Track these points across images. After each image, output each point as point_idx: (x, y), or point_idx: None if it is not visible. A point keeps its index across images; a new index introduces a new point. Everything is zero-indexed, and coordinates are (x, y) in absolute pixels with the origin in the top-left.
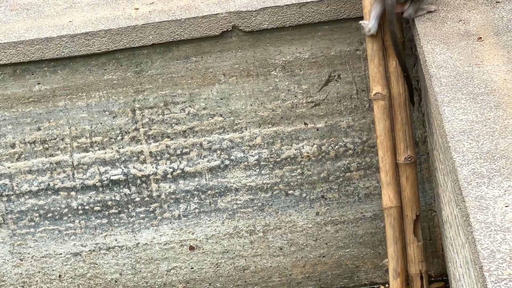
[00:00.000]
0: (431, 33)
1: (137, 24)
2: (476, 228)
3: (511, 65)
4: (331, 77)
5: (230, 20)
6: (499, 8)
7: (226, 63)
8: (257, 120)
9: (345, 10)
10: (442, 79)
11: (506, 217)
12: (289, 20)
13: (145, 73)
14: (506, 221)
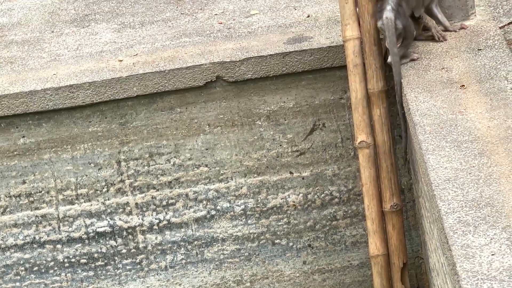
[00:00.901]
0: (414, 81)
1: (121, 76)
2: (463, 277)
3: (494, 112)
4: (315, 126)
5: (214, 70)
6: (481, 56)
7: (211, 113)
8: (243, 170)
9: (328, 59)
10: (426, 127)
11: (493, 265)
12: (273, 70)
13: (129, 125)
14: (492, 270)
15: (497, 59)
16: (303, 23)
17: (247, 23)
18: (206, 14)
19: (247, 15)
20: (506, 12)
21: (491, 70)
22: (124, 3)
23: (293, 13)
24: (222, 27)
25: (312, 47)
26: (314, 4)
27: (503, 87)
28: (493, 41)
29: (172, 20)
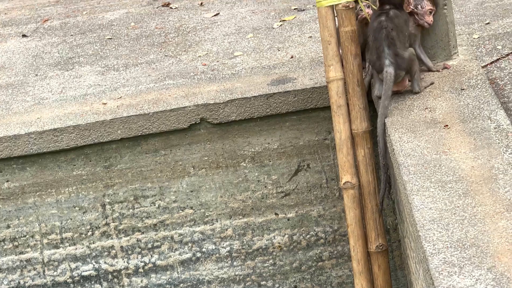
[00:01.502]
0: (398, 122)
1: (105, 119)
2: None
3: (478, 152)
4: (300, 166)
5: (198, 112)
6: (464, 95)
7: (195, 155)
8: (228, 211)
9: (312, 100)
10: (410, 168)
11: None
12: (257, 111)
13: (114, 168)
14: None
15: (480, 98)
16: (287, 64)
17: (231, 65)
18: (190, 56)
19: (231, 57)
20: (488, 52)
21: (475, 109)
22: (108, 45)
23: (277, 54)
24: (206, 68)
25: (296, 88)
26: (298, 45)
27: (486, 126)
28: (476, 80)
29: (156, 62)
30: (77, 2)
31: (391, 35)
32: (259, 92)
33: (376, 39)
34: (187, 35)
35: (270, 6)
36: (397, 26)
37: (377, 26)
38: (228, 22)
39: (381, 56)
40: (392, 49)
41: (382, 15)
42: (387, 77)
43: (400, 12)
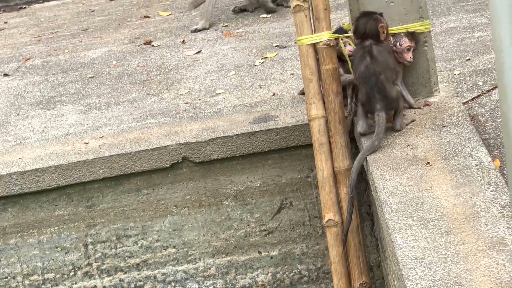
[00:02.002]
0: (380, 159)
1: (87, 158)
2: None
3: (460, 190)
4: (283, 204)
5: (180, 151)
6: (446, 132)
7: (178, 194)
8: (211, 250)
9: (294, 138)
10: (392, 206)
11: None
12: (239, 150)
13: (96, 207)
14: None
15: (461, 135)
16: (269, 102)
17: (213, 103)
18: (172, 94)
19: (213, 94)
20: (469, 88)
21: (456, 147)
22: (90, 84)
23: (259, 91)
24: (188, 107)
25: (278, 126)
26: (279, 82)
27: (468, 164)
28: (457, 117)
29: (138, 100)
30: (59, 41)
31: (381, 79)
32: (241, 130)
33: (365, 83)
34: (169, 73)
35: (252, 44)
36: (384, 64)
37: (365, 71)
38: (210, 59)
39: (372, 100)
40: (382, 93)
41: (366, 56)
42: (380, 120)
43: (381, 46)
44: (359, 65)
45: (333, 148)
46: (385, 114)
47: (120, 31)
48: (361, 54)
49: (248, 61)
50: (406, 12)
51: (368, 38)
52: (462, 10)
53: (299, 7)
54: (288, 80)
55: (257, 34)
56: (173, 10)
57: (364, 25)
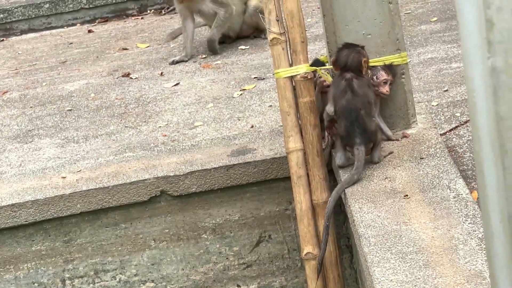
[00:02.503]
0: (358, 192)
1: (64, 193)
2: None
3: (438, 222)
4: (261, 237)
5: (158, 185)
6: (424, 164)
7: (156, 228)
8: (189, 284)
9: (273, 170)
10: (371, 239)
11: None
12: (217, 183)
13: (74, 242)
14: None
15: (439, 167)
16: (247, 134)
17: (191, 135)
18: (150, 127)
19: (191, 127)
20: (447, 119)
21: (434, 179)
22: (68, 117)
23: (237, 123)
24: (166, 139)
25: (256, 159)
26: (258, 114)
27: (446, 196)
28: (435, 149)
29: (116, 133)
30: (37, 74)
31: (361, 115)
32: (219, 163)
33: (345, 117)
34: (147, 105)
35: (230, 75)
36: (364, 99)
37: (345, 106)
38: (188, 92)
39: (351, 134)
40: (362, 127)
41: (347, 90)
42: (359, 154)
43: (362, 79)
44: (340, 99)
45: (311, 181)
46: (365, 148)
47: (98, 63)
48: (342, 88)
49: (226, 93)
50: (383, 44)
51: (349, 70)
52: (440, 41)
53: (276, 40)
54: (267, 112)
55: (236, 65)
56: (151, 42)
57: (346, 57)
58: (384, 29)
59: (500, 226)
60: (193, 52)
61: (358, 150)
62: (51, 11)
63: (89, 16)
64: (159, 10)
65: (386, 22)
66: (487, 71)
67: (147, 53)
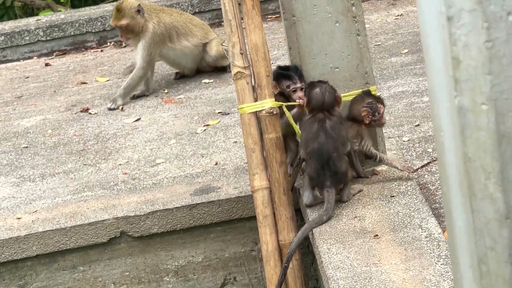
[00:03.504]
0: (326, 232)
1: (19, 235)
2: None
3: (409, 263)
4: (226, 280)
5: (118, 226)
6: (394, 203)
7: (116, 270)
8: None
9: (237, 210)
10: (339, 281)
11: None
12: (180, 223)
13: (29, 286)
14: None
15: (410, 206)
16: (211, 172)
17: (153, 173)
18: (110, 165)
19: (153, 164)
20: (419, 155)
21: (405, 217)
22: (24, 155)
23: (201, 161)
24: (126, 177)
25: (220, 198)
26: (222, 150)
27: (417, 235)
28: (406, 186)
29: (74, 171)
30: None
31: (333, 157)
32: (182, 202)
33: (316, 160)
34: (107, 142)
35: (194, 110)
36: (337, 140)
37: (318, 149)
38: (149, 127)
39: (322, 177)
40: (333, 170)
41: (319, 132)
42: (330, 196)
43: (334, 118)
44: (312, 141)
45: (277, 221)
46: (335, 190)
47: (56, 98)
48: (314, 130)
49: (189, 129)
50: (352, 78)
51: (323, 110)
52: (411, 73)
53: (240, 74)
54: (231, 149)
55: (199, 100)
56: (111, 76)
57: (321, 96)
58: (352, 62)
59: (469, 272)
60: (154, 86)
61: (328, 192)
62: (7, 44)
63: (46, 48)
64: (119, 42)
65: (354, 55)
66: (454, 109)
67: (106, 87)
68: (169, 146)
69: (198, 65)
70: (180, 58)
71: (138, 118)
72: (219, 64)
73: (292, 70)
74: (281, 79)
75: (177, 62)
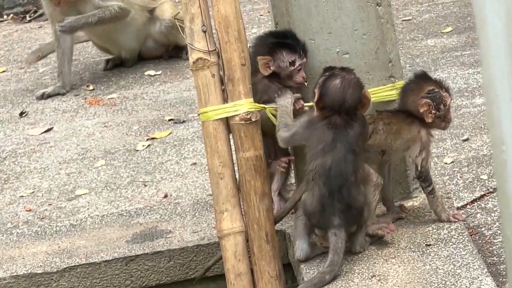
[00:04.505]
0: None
1: None
2: None
3: None
4: None
5: None
6: (431, 255)
7: None
8: None
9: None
10: None
11: None
12: (111, 284)
13: None
14: None
15: (455, 259)
16: (158, 209)
17: (71, 210)
18: (6, 197)
19: (71, 197)
20: (468, 185)
21: (447, 277)
22: None
23: (142, 191)
24: (31, 216)
25: (171, 247)
26: (175, 176)
27: None
28: (449, 231)
29: None
30: None
31: (349, 183)
32: (115, 254)
33: (324, 184)
34: (1, 163)
35: (132, 116)
36: (359, 159)
37: (331, 167)
38: (66, 141)
39: (328, 211)
40: (346, 202)
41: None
42: (338, 243)
43: (357, 124)
44: (323, 154)
45: (257, 281)
46: (345, 235)
47: None
48: (329, 138)
49: (125, 144)
50: (369, 68)
51: (342, 112)
52: (456, 63)
53: (203, 62)
54: (188, 174)
55: (141, 101)
56: (9, 65)
57: (341, 93)
58: (369, 45)
59: None
60: (74, 79)
61: (336, 236)
62: None
63: None
64: (22, 15)
65: (372, 34)
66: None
67: (2, 81)
68: (95, 169)
69: (141, 46)
70: (117, 33)
71: (49, 128)
72: (173, 41)
73: (292, 38)
74: (280, 51)
75: (113, 39)
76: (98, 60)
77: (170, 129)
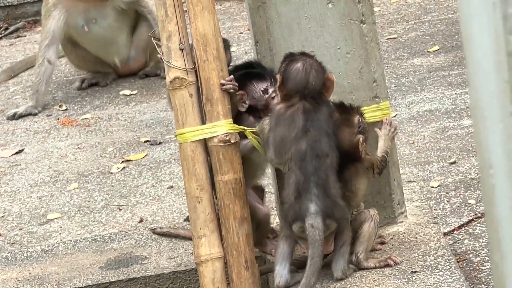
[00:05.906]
0: None
1: None
2: None
3: None
4: None
5: None
6: (417, 282)
7: None
8: None
9: None
10: None
11: None
12: None
13: None
14: None
15: (441, 287)
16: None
17: (42, 235)
18: None
19: (42, 221)
20: (454, 210)
21: None
22: None
23: (117, 216)
24: (1, 241)
25: (146, 274)
26: (151, 200)
27: None
28: (435, 257)
29: None
30: None
31: (326, 165)
32: (88, 281)
33: (300, 168)
34: None
35: (107, 137)
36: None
37: (307, 150)
38: (38, 163)
39: (305, 196)
40: (323, 185)
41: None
42: (315, 236)
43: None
44: (296, 141)
45: None
46: (322, 223)
47: None
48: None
49: (99, 166)
50: (353, 88)
51: (307, 96)
52: (443, 83)
53: (180, 82)
54: (165, 197)
55: (115, 122)
56: None
57: (304, 76)
58: (353, 64)
59: None
60: (46, 99)
61: (314, 228)
62: None
63: None
64: None
65: (356, 53)
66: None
67: None
68: (68, 193)
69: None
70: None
71: (20, 149)
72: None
73: (258, 66)
74: (250, 82)
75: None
76: (72, 79)
77: (146, 151)
